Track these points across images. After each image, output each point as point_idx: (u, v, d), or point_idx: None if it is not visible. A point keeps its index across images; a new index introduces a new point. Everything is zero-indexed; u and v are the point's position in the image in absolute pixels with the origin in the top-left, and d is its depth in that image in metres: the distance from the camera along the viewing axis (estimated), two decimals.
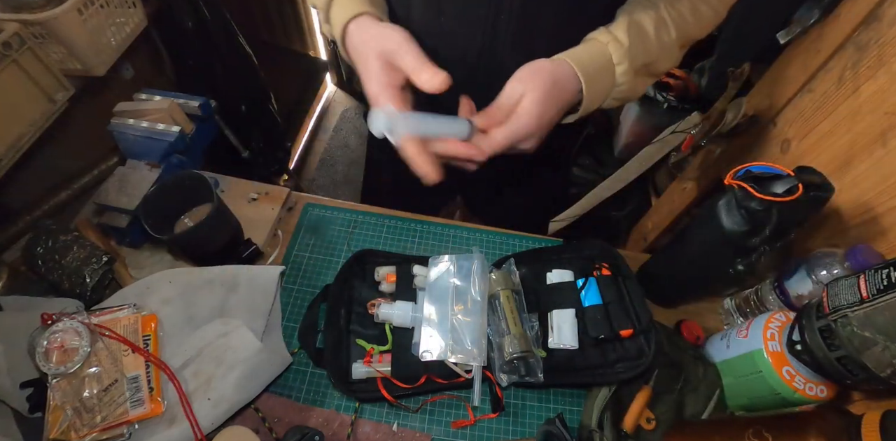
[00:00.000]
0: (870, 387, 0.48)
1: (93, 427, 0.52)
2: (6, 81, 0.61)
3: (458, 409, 0.62)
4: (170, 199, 0.66)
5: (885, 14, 0.60)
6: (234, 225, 0.68)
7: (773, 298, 0.64)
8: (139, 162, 0.71)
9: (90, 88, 0.82)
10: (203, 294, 0.62)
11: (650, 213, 1.29)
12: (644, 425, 0.57)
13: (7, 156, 0.64)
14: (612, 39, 0.51)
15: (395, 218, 0.78)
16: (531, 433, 0.60)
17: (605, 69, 0.52)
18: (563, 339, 0.61)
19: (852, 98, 0.64)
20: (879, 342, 0.44)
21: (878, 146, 0.59)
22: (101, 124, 0.74)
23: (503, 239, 0.78)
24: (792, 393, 0.53)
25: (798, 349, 0.51)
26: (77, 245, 0.64)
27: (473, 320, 0.59)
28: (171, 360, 0.58)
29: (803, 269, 0.60)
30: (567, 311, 0.62)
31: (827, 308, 0.49)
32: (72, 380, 0.54)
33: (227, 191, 0.79)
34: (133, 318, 0.59)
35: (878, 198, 0.59)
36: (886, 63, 0.59)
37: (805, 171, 0.52)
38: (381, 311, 0.61)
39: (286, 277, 0.71)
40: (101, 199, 0.68)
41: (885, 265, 0.46)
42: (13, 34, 0.59)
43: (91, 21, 0.73)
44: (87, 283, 0.63)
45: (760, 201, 0.50)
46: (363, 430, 0.59)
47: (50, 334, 0.54)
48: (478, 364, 0.57)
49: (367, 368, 0.59)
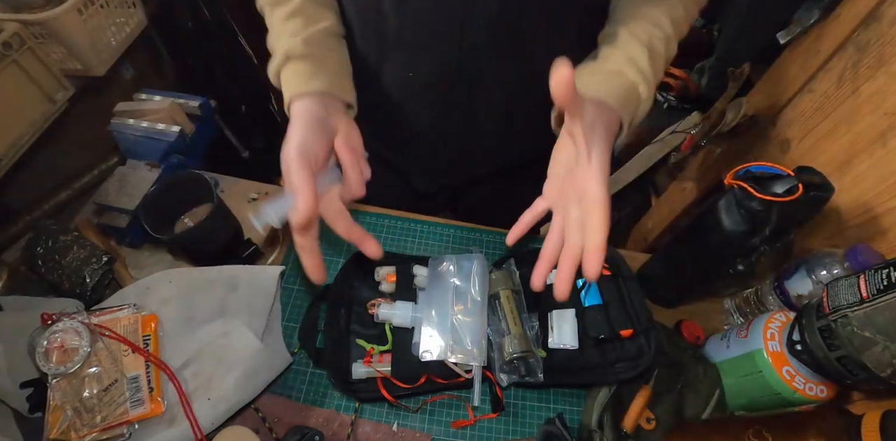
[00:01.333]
0: (870, 387, 0.48)
1: (93, 427, 0.52)
2: (6, 81, 0.61)
3: (458, 409, 0.62)
4: (170, 199, 0.66)
5: (885, 14, 0.60)
6: (234, 225, 0.68)
7: (773, 298, 0.64)
8: (139, 162, 0.71)
9: (90, 88, 0.82)
10: (203, 294, 0.62)
11: (650, 213, 1.29)
12: (644, 425, 0.57)
13: (7, 156, 0.64)
14: (642, 80, 0.49)
15: (396, 218, 0.78)
16: (531, 433, 0.60)
17: (634, 105, 0.50)
18: (563, 339, 0.61)
19: (852, 98, 0.64)
20: (879, 342, 0.44)
21: (878, 146, 0.59)
22: (101, 124, 0.74)
23: (503, 239, 0.77)
24: (792, 393, 0.53)
25: (798, 349, 0.51)
26: (77, 245, 0.64)
27: (473, 320, 0.59)
28: (171, 360, 0.58)
29: (803, 269, 0.60)
30: (567, 311, 0.62)
31: (827, 308, 0.49)
32: (72, 380, 0.54)
33: (227, 191, 0.79)
34: (133, 318, 0.59)
35: (878, 198, 0.59)
36: (886, 63, 0.59)
37: (805, 171, 0.52)
38: (381, 311, 0.61)
39: (286, 277, 0.71)
40: (101, 199, 0.68)
41: (885, 265, 0.46)
42: (13, 34, 0.59)
43: (91, 21, 0.74)
44: (87, 283, 0.63)
45: (760, 201, 0.50)
46: (363, 430, 0.59)
47: (50, 334, 0.54)
48: (478, 364, 0.58)
49: (367, 368, 0.59)
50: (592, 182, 0.42)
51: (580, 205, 0.43)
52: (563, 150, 0.49)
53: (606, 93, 0.48)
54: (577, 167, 0.45)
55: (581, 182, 0.43)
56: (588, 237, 0.41)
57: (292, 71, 0.52)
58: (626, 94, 0.49)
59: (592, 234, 0.41)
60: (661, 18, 0.52)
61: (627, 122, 0.49)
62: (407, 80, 0.60)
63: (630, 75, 0.50)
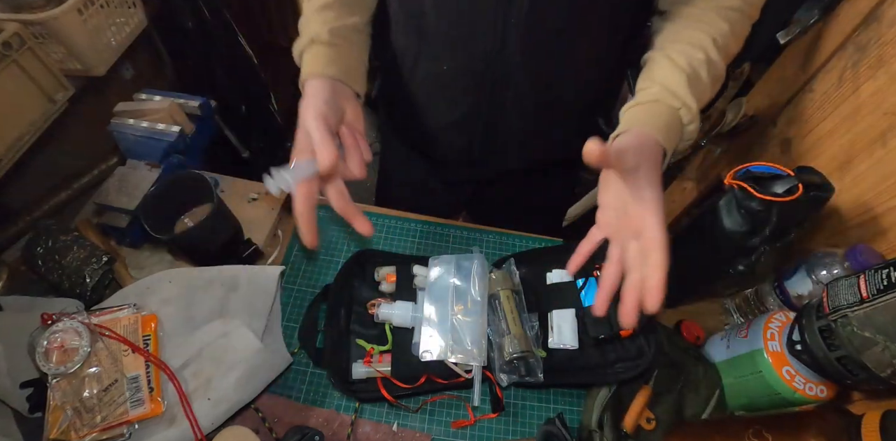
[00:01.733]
0: (870, 387, 0.48)
1: (93, 427, 0.52)
2: (6, 81, 0.61)
3: (458, 409, 0.62)
4: (170, 199, 0.66)
5: (885, 14, 0.60)
6: (234, 225, 0.68)
7: (773, 298, 0.64)
8: (139, 162, 0.71)
9: (90, 88, 0.82)
10: (203, 294, 0.62)
11: None
12: (644, 425, 0.57)
13: (7, 156, 0.64)
14: (682, 105, 0.50)
15: (396, 218, 0.78)
16: (531, 433, 0.60)
17: (678, 130, 0.51)
18: (563, 339, 0.61)
19: (852, 98, 0.64)
20: (879, 342, 0.44)
21: (878, 146, 0.59)
22: (101, 124, 0.74)
23: (503, 239, 0.78)
24: (792, 393, 0.53)
25: (798, 349, 0.51)
26: (77, 245, 0.64)
27: (473, 320, 0.59)
28: (171, 360, 0.58)
29: (803, 269, 0.60)
30: (567, 311, 0.62)
31: (827, 308, 0.49)
32: (72, 380, 0.54)
33: (227, 191, 0.79)
34: (133, 318, 0.59)
35: (878, 198, 0.59)
36: (886, 63, 0.59)
37: (805, 171, 0.52)
38: (381, 311, 0.61)
39: (286, 277, 0.71)
40: (101, 199, 0.68)
41: (885, 265, 0.46)
42: (13, 34, 0.59)
43: (91, 21, 0.74)
44: (87, 283, 0.63)
45: (760, 201, 0.50)
46: (363, 430, 0.59)
47: (50, 334, 0.54)
48: (478, 364, 0.58)
49: (367, 368, 0.59)
50: (650, 221, 0.43)
51: (638, 240, 0.45)
52: (613, 182, 0.50)
53: (643, 123, 0.49)
54: (631, 203, 0.46)
55: (637, 220, 0.44)
56: (650, 274, 0.42)
57: (313, 54, 0.56)
58: (666, 121, 0.50)
59: (654, 271, 0.42)
60: (703, 39, 0.52)
61: (671, 150, 0.50)
62: (441, 73, 0.64)
63: (668, 101, 0.50)
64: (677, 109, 0.50)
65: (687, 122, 0.51)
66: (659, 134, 0.48)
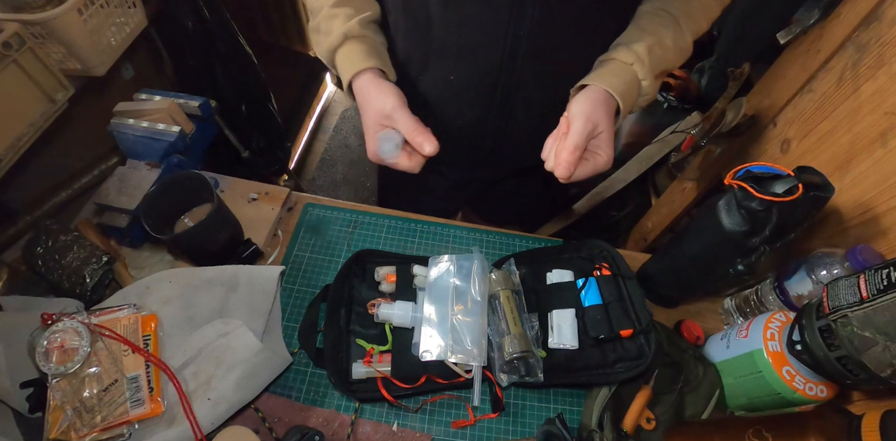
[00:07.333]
0: (870, 387, 0.48)
1: (93, 427, 0.52)
2: (6, 81, 0.61)
3: (458, 409, 0.62)
4: (170, 199, 0.66)
5: (885, 14, 0.60)
6: (234, 225, 0.68)
7: (773, 298, 0.64)
8: (139, 162, 0.71)
9: (90, 88, 0.82)
10: (203, 294, 0.62)
11: (650, 213, 1.29)
12: (644, 425, 0.57)
13: (7, 156, 0.64)
14: (636, 60, 0.55)
15: (395, 218, 0.78)
16: (531, 433, 0.60)
17: (633, 86, 0.56)
18: (563, 339, 0.61)
19: (852, 98, 0.64)
20: (879, 342, 0.44)
21: (878, 146, 0.59)
22: (101, 124, 0.74)
23: (503, 239, 0.78)
24: (792, 393, 0.53)
25: (798, 349, 0.51)
26: (77, 245, 0.64)
27: (473, 320, 0.59)
28: (171, 360, 0.58)
29: (803, 269, 0.60)
30: (567, 311, 0.62)
31: (827, 308, 0.49)
32: (72, 380, 0.54)
33: (227, 191, 0.79)
34: (133, 318, 0.59)
35: (878, 198, 0.59)
36: (886, 63, 0.59)
37: (805, 171, 0.52)
38: (381, 311, 0.61)
39: (286, 277, 0.71)
40: (101, 199, 0.68)
41: (885, 265, 0.46)
42: (13, 34, 0.59)
43: (91, 21, 0.73)
44: (87, 283, 0.63)
45: (760, 201, 0.50)
46: (363, 430, 0.59)
47: (50, 334, 0.54)
48: (478, 364, 0.58)
49: (367, 368, 0.59)
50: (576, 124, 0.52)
51: None
52: None
53: (604, 82, 0.55)
54: None
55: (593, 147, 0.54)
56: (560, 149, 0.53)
57: (350, 49, 0.60)
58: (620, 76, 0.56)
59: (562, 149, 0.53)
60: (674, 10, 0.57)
61: (629, 103, 0.56)
62: (449, 82, 0.64)
63: (623, 58, 0.56)
64: (630, 64, 0.56)
65: (642, 77, 0.56)
66: (611, 87, 0.54)
